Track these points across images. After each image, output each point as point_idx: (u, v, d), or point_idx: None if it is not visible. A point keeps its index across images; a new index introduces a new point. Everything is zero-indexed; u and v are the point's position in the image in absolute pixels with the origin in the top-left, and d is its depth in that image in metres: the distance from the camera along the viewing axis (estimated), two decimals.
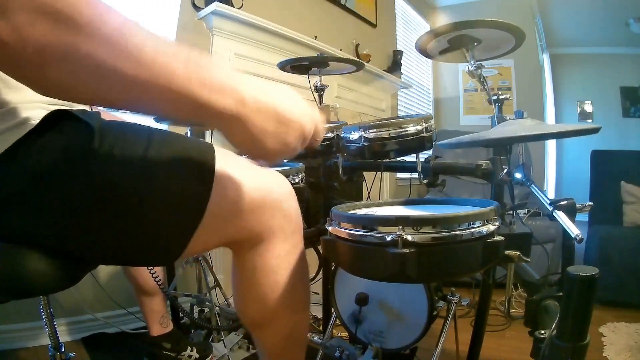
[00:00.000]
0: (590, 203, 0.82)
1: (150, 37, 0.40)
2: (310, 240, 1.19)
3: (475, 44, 1.15)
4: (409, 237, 0.60)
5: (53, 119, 0.55)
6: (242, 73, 0.47)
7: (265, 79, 0.52)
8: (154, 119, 1.35)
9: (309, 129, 0.53)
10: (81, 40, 0.36)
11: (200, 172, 0.60)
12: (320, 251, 1.14)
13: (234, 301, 0.76)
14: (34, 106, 0.55)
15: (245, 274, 0.70)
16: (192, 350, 1.32)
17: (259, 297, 0.69)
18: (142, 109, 0.45)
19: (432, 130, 0.96)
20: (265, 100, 0.47)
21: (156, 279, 1.11)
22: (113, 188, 0.54)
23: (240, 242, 0.67)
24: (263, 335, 0.74)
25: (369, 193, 1.51)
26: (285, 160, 0.50)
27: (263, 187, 0.66)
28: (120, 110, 0.41)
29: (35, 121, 0.54)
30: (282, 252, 0.69)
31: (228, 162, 0.64)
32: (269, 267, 0.68)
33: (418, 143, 0.94)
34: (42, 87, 0.39)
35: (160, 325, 1.28)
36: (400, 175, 3.44)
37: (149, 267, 1.10)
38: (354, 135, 0.98)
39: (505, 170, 0.97)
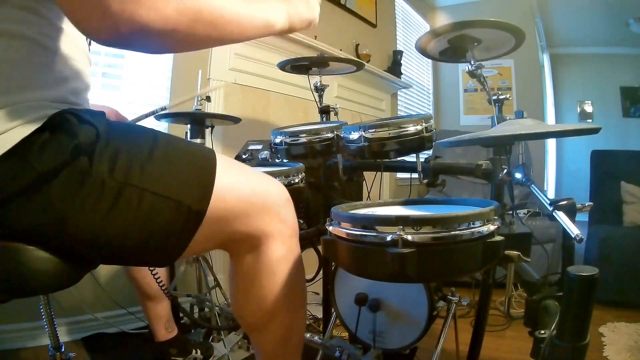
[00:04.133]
0: (590, 203, 0.82)
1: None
2: (310, 240, 1.19)
3: (475, 44, 1.15)
4: (409, 237, 0.60)
5: (59, 119, 0.55)
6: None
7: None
8: None
9: None
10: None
11: (201, 177, 0.62)
12: (320, 251, 1.14)
13: (232, 304, 0.77)
14: (38, 105, 0.55)
15: (244, 276, 0.71)
16: (196, 352, 1.32)
17: (257, 299, 0.71)
18: (239, 36, 0.61)
19: (432, 130, 0.96)
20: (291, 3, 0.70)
21: (159, 282, 1.11)
22: (116, 190, 0.55)
23: (238, 244, 0.69)
24: (261, 336, 0.75)
25: (369, 193, 1.51)
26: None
27: (262, 193, 0.69)
28: (219, 43, 0.61)
29: (40, 120, 0.54)
30: (280, 255, 0.70)
31: (228, 168, 0.67)
32: (267, 269, 0.69)
33: (418, 143, 0.94)
34: (182, 49, 0.56)
35: (165, 330, 1.28)
36: (400, 175, 3.44)
37: (151, 268, 1.10)
38: (354, 135, 0.98)
39: (505, 170, 0.97)
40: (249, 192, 0.67)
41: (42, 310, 0.96)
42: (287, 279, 0.71)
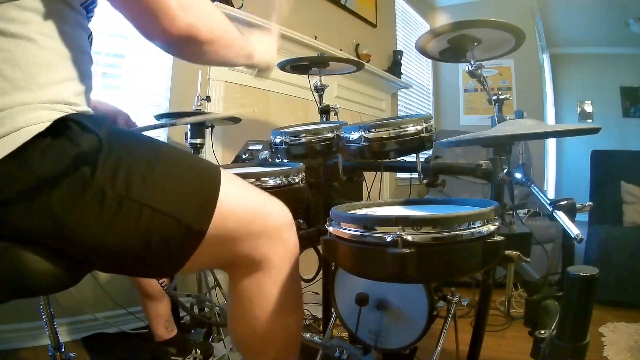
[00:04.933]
0: (590, 203, 0.82)
1: (233, 30, 0.69)
2: (310, 240, 1.19)
3: (475, 44, 1.15)
4: (409, 238, 0.60)
5: (62, 125, 0.55)
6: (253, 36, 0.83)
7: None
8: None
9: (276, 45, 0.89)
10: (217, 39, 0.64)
11: (204, 196, 0.61)
12: (320, 251, 1.14)
13: (228, 325, 0.76)
14: (39, 107, 0.55)
15: (241, 299, 0.70)
16: (196, 352, 1.32)
17: (253, 322, 0.70)
18: (229, 61, 0.73)
19: (432, 130, 0.96)
20: (262, 42, 0.83)
21: (161, 283, 1.10)
22: (117, 202, 0.55)
23: (237, 266, 0.68)
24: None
25: (369, 193, 1.51)
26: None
27: (264, 216, 0.68)
28: (217, 65, 0.80)
29: (42, 124, 0.54)
30: (279, 280, 0.69)
31: (232, 187, 0.66)
32: (265, 294, 0.69)
33: (418, 143, 0.94)
34: (194, 59, 0.68)
35: (165, 329, 1.28)
36: (400, 175, 3.44)
37: None
38: (354, 135, 0.98)
39: (505, 170, 0.97)
40: (251, 214, 0.66)
41: (42, 310, 0.96)
42: (283, 304, 0.70)
